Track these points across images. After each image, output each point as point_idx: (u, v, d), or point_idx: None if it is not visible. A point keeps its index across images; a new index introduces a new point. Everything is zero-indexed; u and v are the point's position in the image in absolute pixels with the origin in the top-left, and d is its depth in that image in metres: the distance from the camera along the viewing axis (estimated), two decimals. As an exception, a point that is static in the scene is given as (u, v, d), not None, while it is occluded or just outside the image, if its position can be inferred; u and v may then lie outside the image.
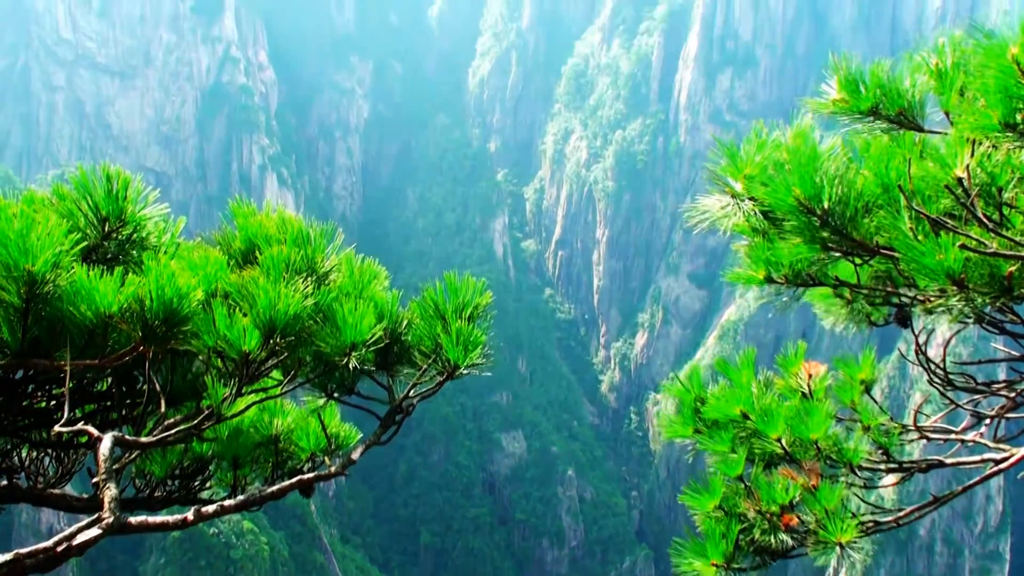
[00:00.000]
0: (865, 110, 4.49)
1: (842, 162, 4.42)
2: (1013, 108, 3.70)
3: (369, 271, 5.13)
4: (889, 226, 4.08)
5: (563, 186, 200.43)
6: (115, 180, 4.32)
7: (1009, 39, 3.71)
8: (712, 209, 4.75)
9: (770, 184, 4.29)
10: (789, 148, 4.39)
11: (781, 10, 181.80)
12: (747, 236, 5.04)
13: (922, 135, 4.47)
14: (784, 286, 5.15)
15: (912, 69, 4.43)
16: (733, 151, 4.59)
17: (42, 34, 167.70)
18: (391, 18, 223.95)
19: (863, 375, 5.70)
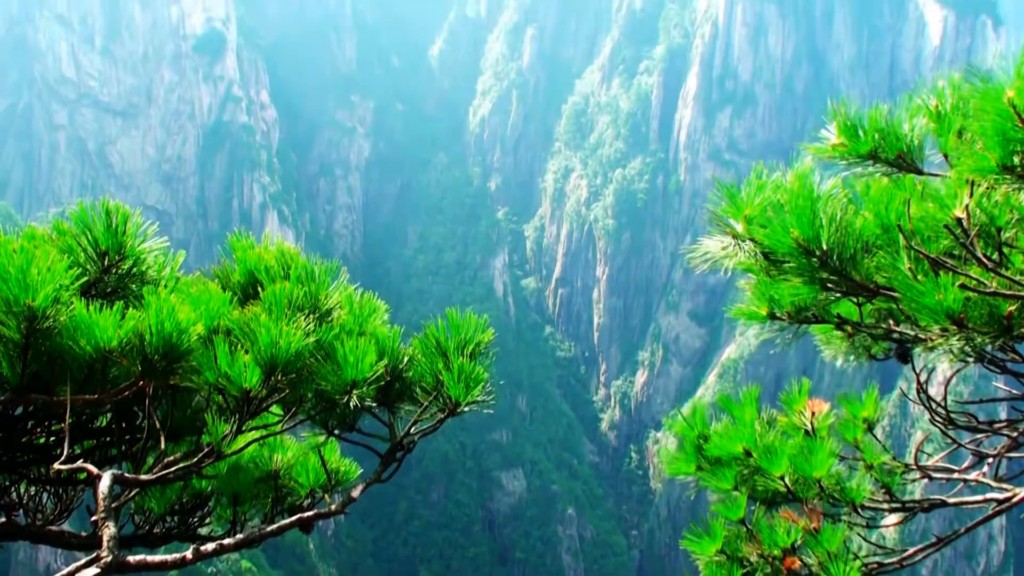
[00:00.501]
0: (864, 154, 4.51)
1: (841, 203, 4.44)
2: (1010, 151, 3.72)
3: (369, 305, 5.12)
4: (889, 266, 4.08)
5: (563, 224, 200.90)
6: (115, 215, 4.33)
7: (1005, 83, 3.74)
8: (713, 250, 4.76)
9: (769, 226, 4.30)
10: (788, 190, 4.40)
11: (780, 50, 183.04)
12: (752, 273, 5.05)
13: (922, 178, 4.49)
14: (786, 323, 5.15)
15: (910, 112, 4.45)
16: (733, 192, 4.60)
17: (45, 73, 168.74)
18: (392, 58, 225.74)
19: (866, 413, 5.70)
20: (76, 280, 3.90)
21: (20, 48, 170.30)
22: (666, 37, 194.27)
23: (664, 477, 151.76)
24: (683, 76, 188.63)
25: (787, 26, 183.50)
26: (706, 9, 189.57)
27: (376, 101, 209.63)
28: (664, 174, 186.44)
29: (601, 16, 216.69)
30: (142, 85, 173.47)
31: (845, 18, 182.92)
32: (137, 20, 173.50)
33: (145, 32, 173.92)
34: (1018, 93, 3.67)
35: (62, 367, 4.00)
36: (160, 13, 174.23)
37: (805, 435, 5.66)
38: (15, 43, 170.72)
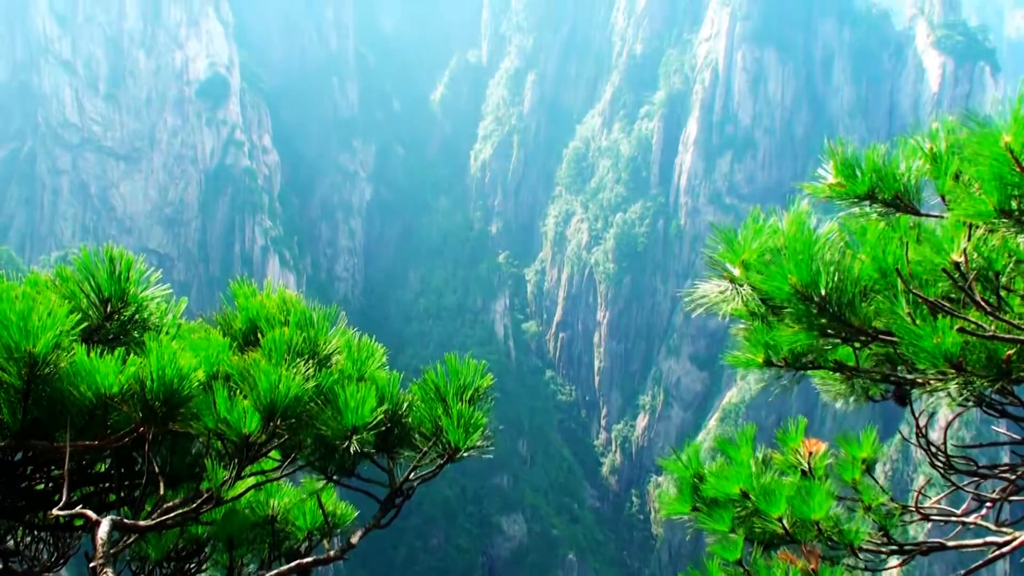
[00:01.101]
0: (861, 194, 4.53)
1: (839, 247, 4.45)
2: (1008, 195, 3.74)
3: (367, 348, 5.13)
4: (887, 310, 4.09)
5: (564, 268, 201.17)
6: (118, 261, 4.35)
7: (1002, 127, 3.76)
8: (711, 294, 4.77)
9: (766, 272, 4.31)
10: (785, 235, 4.42)
11: (780, 95, 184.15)
12: (745, 320, 5.05)
13: (918, 219, 4.51)
14: (784, 369, 5.15)
15: (907, 154, 4.48)
16: (731, 236, 4.62)
17: (49, 117, 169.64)
18: (394, 102, 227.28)
19: (864, 454, 5.68)
20: (77, 326, 3.91)
21: (24, 93, 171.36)
22: (666, 82, 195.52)
23: (665, 522, 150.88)
24: (683, 121, 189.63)
25: (787, 72, 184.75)
26: (706, 55, 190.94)
27: (378, 145, 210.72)
28: (665, 218, 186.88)
29: (602, 62, 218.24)
30: (145, 129, 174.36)
31: (844, 65, 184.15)
32: (141, 65, 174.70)
33: (149, 77, 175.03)
34: (1015, 138, 3.69)
35: (62, 413, 4.00)
36: (164, 58, 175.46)
37: (801, 475, 5.64)
38: (20, 88, 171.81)
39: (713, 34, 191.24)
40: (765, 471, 5.56)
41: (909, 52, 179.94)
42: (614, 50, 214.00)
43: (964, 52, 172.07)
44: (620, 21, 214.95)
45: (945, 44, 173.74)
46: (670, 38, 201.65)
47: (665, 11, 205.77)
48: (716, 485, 5.45)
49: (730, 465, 5.53)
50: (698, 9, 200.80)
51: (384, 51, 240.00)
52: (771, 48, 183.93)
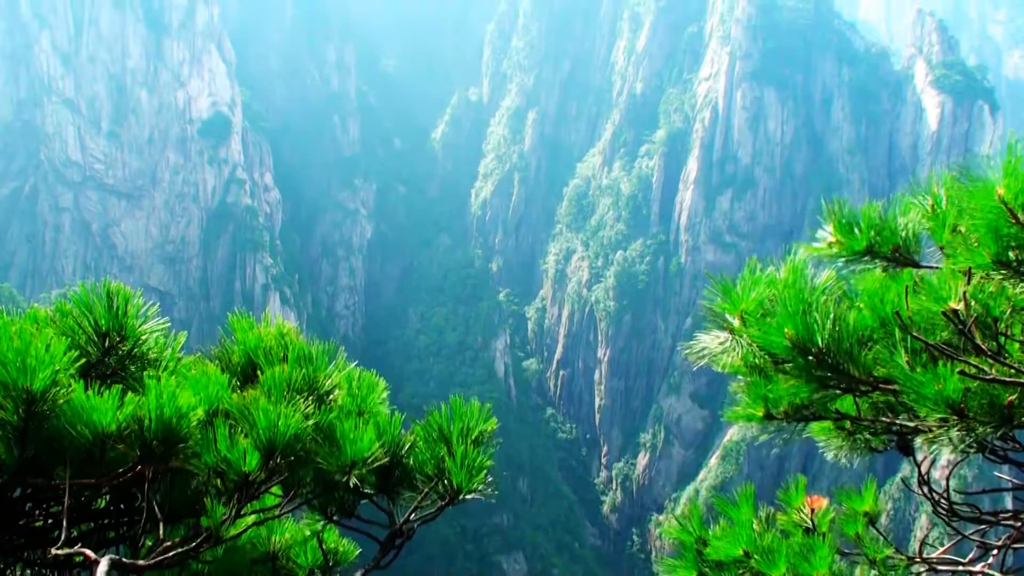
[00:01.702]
0: (860, 250, 4.54)
1: (836, 296, 4.45)
2: (1004, 246, 3.75)
3: (367, 382, 5.12)
4: (886, 359, 4.08)
5: (564, 306, 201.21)
6: (116, 296, 4.35)
7: (996, 180, 3.78)
8: (711, 345, 4.76)
9: (763, 326, 4.31)
10: (782, 286, 4.42)
11: (779, 134, 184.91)
12: (743, 375, 5.04)
13: (918, 271, 4.51)
14: (784, 422, 5.12)
15: (904, 208, 4.49)
16: (728, 287, 4.61)
17: (51, 156, 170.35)
18: (395, 141, 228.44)
19: (866, 507, 5.65)
20: (75, 362, 3.90)
21: (27, 132, 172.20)
22: (666, 121, 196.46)
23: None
24: (684, 159, 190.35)
25: (786, 111, 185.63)
26: (706, 94, 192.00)
27: (379, 183, 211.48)
28: (665, 256, 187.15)
29: (602, 100, 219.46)
30: (147, 168, 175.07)
31: (843, 103, 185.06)
32: (144, 104, 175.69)
33: (151, 116, 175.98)
34: (1008, 190, 3.71)
35: (60, 450, 3.98)
36: (166, 97, 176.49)
37: (805, 532, 5.59)
38: (23, 127, 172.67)
39: (713, 73, 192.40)
40: (768, 530, 5.52)
41: (908, 91, 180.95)
42: (614, 89, 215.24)
43: (963, 91, 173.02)
44: (620, 60, 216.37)
45: (944, 83, 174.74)
46: (670, 77, 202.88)
47: (665, 50, 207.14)
48: (719, 548, 5.42)
49: (732, 527, 5.49)
50: (698, 48, 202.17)
51: (385, 90, 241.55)
52: (770, 87, 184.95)
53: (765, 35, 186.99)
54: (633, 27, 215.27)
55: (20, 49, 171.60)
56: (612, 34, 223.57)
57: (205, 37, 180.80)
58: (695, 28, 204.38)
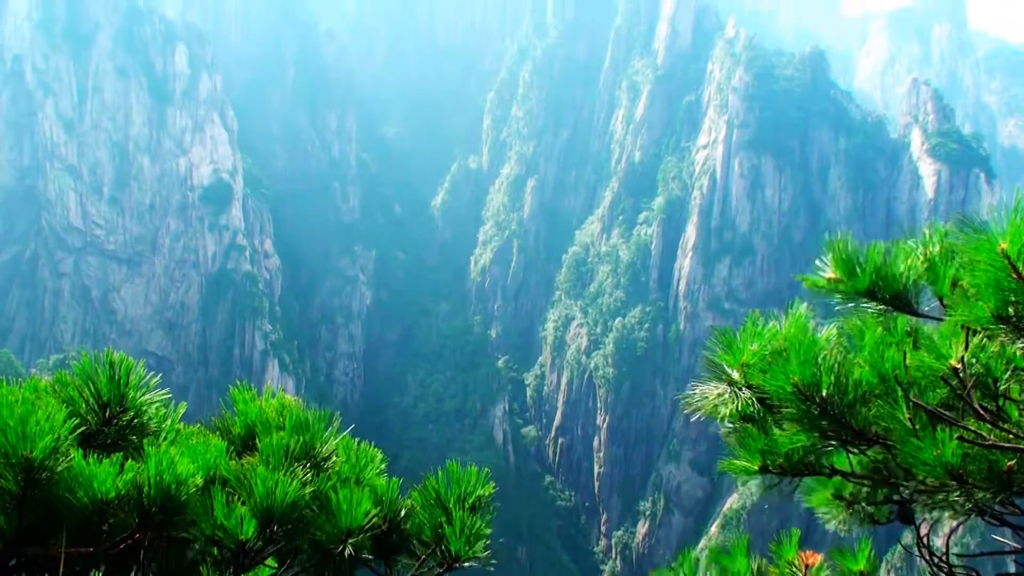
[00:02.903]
0: (862, 290, 4.55)
1: (839, 350, 4.45)
2: (1005, 301, 3.76)
3: (366, 454, 5.10)
4: (887, 416, 4.07)
5: (563, 373, 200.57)
6: (118, 366, 4.36)
7: (999, 233, 3.79)
8: (710, 396, 4.76)
9: (769, 371, 4.31)
10: (788, 336, 4.44)
11: (777, 202, 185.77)
12: (738, 424, 5.03)
13: (916, 322, 4.52)
14: (780, 475, 5.10)
15: (904, 256, 4.51)
16: (730, 340, 4.63)
17: (52, 221, 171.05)
18: (395, 208, 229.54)
19: (860, 567, 5.58)
20: (75, 431, 3.90)
21: (29, 198, 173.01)
22: (665, 189, 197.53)
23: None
24: (682, 226, 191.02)
25: (783, 179, 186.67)
26: (704, 162, 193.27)
27: (378, 250, 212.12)
28: (664, 323, 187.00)
29: (601, 168, 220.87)
30: (148, 233, 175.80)
31: (840, 172, 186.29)
32: (146, 171, 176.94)
33: (153, 182, 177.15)
34: (1012, 245, 3.72)
35: (58, 518, 3.97)
36: (168, 164, 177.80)
37: None
38: (25, 193, 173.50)
39: (711, 141, 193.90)
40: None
41: (905, 159, 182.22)
42: (613, 157, 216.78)
43: (959, 159, 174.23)
44: (619, 129, 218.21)
45: (940, 152, 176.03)
46: (668, 146, 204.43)
47: (663, 119, 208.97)
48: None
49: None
50: (696, 117, 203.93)
51: (386, 157, 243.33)
52: (768, 155, 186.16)
53: (762, 104, 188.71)
54: (631, 96, 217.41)
55: (24, 117, 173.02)
56: (611, 103, 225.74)
57: (208, 105, 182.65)
58: (693, 97, 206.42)
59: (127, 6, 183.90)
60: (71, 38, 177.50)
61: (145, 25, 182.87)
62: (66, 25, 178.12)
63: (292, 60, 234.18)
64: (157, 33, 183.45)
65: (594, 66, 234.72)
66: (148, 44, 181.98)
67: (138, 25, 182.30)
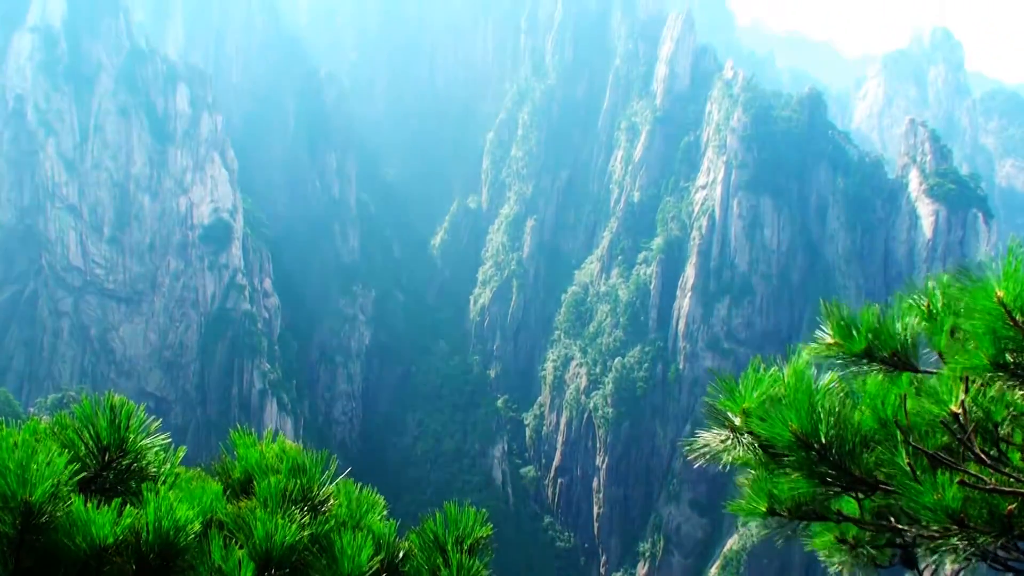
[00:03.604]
0: (859, 353, 4.56)
1: (839, 397, 4.46)
2: (1002, 348, 3.77)
3: (367, 499, 5.09)
4: (888, 461, 4.07)
5: (563, 413, 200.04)
6: (118, 410, 4.36)
7: (995, 282, 3.81)
8: (712, 443, 4.76)
9: (768, 419, 4.32)
10: (786, 384, 4.44)
11: (775, 242, 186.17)
12: (751, 468, 5.02)
13: (916, 375, 4.52)
14: (787, 519, 5.09)
15: (903, 312, 4.52)
16: (731, 386, 4.63)
17: (53, 261, 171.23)
18: (394, 248, 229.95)
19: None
20: (75, 475, 3.90)
21: (29, 237, 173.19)
22: (664, 229, 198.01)
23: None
24: (681, 266, 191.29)
25: (782, 218, 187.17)
26: (703, 202, 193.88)
27: (377, 290, 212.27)
28: (663, 363, 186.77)
29: (600, 208, 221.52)
30: (147, 273, 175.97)
31: (839, 212, 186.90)
32: (146, 210, 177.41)
33: (153, 222, 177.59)
34: (1007, 293, 3.73)
35: (55, 563, 3.95)
36: (169, 204, 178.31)
37: None
38: (25, 232, 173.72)
39: (709, 182, 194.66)
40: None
41: (903, 199, 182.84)
42: (612, 197, 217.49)
43: (956, 200, 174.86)
44: (618, 169, 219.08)
45: (937, 192, 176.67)
46: (667, 186, 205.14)
47: (662, 160, 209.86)
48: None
49: None
50: (694, 158, 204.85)
51: (386, 198, 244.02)
52: (766, 195, 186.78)
53: (760, 145, 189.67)
54: (630, 137, 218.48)
55: (26, 156, 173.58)
56: (609, 144, 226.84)
57: (209, 145, 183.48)
58: (691, 137, 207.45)
59: (130, 47, 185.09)
60: (73, 78, 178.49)
61: (147, 66, 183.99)
62: (68, 66, 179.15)
63: (293, 101, 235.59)
64: (159, 73, 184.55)
65: (593, 107, 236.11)
66: (150, 84, 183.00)
67: (140, 66, 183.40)
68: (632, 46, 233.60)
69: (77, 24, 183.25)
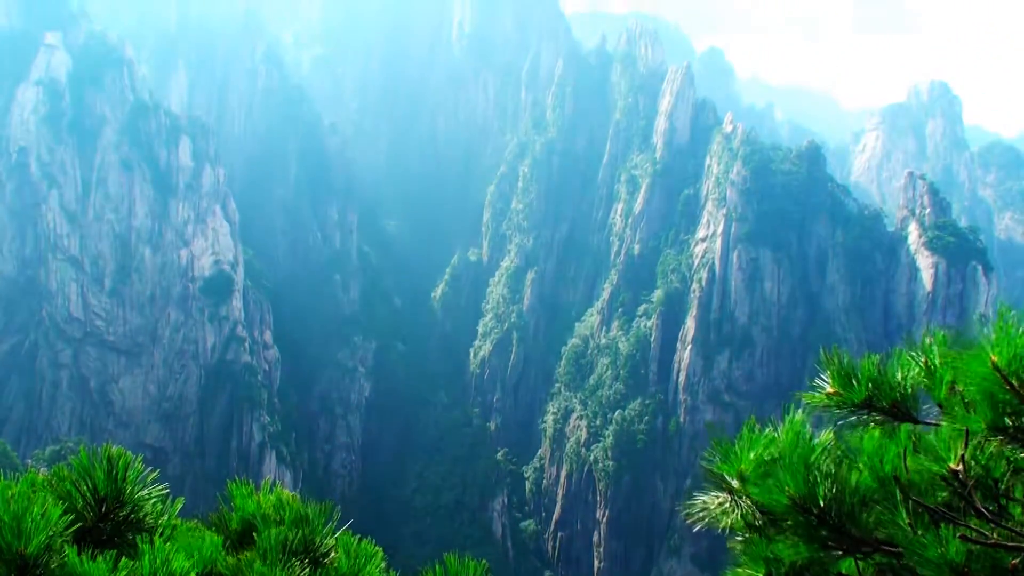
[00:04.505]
0: (859, 402, 4.56)
1: (836, 456, 4.44)
2: (1000, 412, 3.77)
3: (366, 550, 5.07)
4: (888, 520, 4.05)
5: (563, 466, 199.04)
6: (116, 461, 4.35)
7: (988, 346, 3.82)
8: (710, 506, 4.74)
9: (763, 485, 4.30)
10: (783, 444, 4.43)
11: (775, 294, 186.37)
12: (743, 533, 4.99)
13: (916, 428, 4.51)
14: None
15: (903, 365, 4.52)
16: (728, 447, 4.62)
17: (53, 313, 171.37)
18: (395, 300, 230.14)
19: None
20: (71, 527, 3.88)
21: (30, 288, 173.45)
22: (664, 281, 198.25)
23: None
24: (681, 319, 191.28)
25: (782, 271, 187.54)
26: (703, 255, 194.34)
27: (378, 342, 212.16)
28: (664, 416, 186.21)
29: (600, 261, 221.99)
30: (148, 325, 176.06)
31: (838, 264, 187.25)
32: (147, 262, 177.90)
33: (154, 273, 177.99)
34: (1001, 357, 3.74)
35: (50, 616, 3.92)
36: (170, 256, 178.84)
37: None
38: (26, 284, 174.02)
39: (709, 234, 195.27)
40: None
41: (902, 252, 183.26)
42: (612, 249, 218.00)
43: (956, 252, 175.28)
44: (618, 222, 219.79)
45: (937, 245, 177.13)
46: (667, 238, 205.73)
47: (662, 213, 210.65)
48: None
49: None
50: (694, 210, 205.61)
51: (387, 250, 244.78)
52: (766, 248, 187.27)
53: (760, 197, 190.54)
54: (630, 189, 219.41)
55: (28, 208, 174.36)
56: (610, 197, 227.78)
57: (210, 198, 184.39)
58: (691, 190, 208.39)
59: (133, 100, 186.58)
60: (77, 131, 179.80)
61: (150, 119, 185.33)
62: (72, 119, 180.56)
63: (295, 153, 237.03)
64: (162, 126, 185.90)
65: (593, 160, 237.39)
66: (153, 137, 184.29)
67: (143, 119, 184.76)
68: (632, 100, 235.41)
69: (81, 77, 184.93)
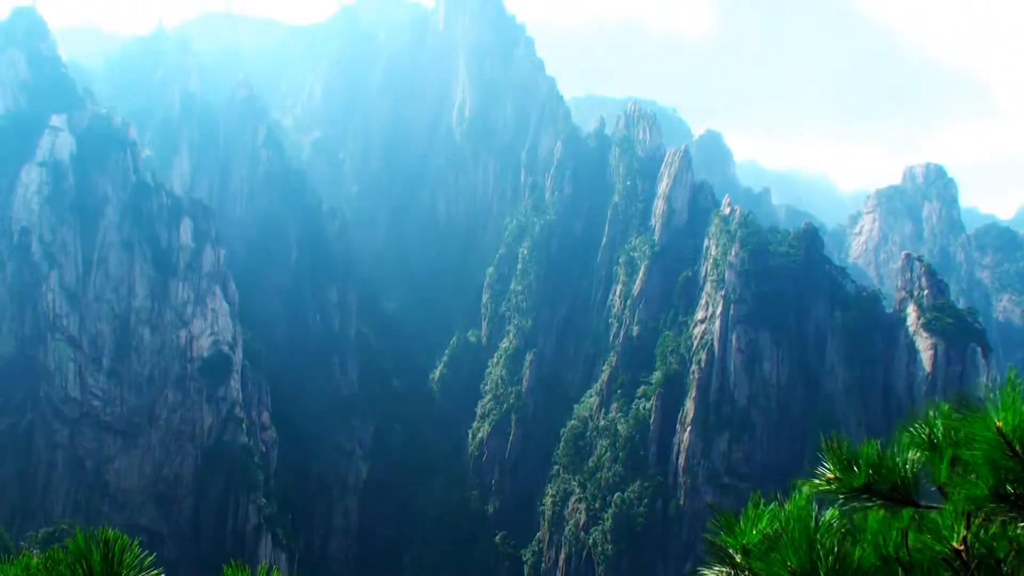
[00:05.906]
0: (858, 487, 4.56)
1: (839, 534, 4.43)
2: (1002, 479, 3.77)
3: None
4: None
5: (562, 549, 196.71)
6: (112, 545, 4.32)
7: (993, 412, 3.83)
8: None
9: (765, 559, 4.29)
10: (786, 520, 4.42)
11: (775, 375, 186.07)
12: None
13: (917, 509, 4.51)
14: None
15: (904, 446, 4.53)
16: (731, 522, 4.62)
17: (50, 392, 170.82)
18: (393, 382, 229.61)
19: None
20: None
21: (28, 368, 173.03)
22: (663, 363, 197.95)
23: None
24: (681, 400, 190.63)
25: (781, 352, 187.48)
26: (701, 336, 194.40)
27: (376, 424, 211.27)
28: (664, 498, 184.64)
29: (599, 342, 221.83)
30: (145, 405, 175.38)
31: (837, 345, 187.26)
32: (146, 342, 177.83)
33: (153, 354, 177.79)
34: (1006, 423, 3.75)
35: None
36: (169, 336, 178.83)
37: None
38: (25, 363, 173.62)
39: (708, 316, 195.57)
40: None
41: (901, 334, 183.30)
42: (611, 331, 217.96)
43: (955, 334, 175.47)
44: (617, 304, 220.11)
45: (935, 326, 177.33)
46: (666, 320, 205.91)
47: (660, 294, 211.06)
48: None
49: None
50: (693, 292, 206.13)
51: (385, 331, 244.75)
52: (765, 330, 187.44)
53: (758, 279, 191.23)
54: (629, 271, 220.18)
55: (28, 288, 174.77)
56: (608, 278, 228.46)
57: (210, 279, 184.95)
58: (689, 272, 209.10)
59: (136, 181, 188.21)
60: (79, 211, 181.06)
61: (152, 200, 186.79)
62: (75, 199, 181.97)
63: (294, 235, 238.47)
64: (163, 207, 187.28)
65: (592, 242, 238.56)
66: (154, 218, 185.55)
67: (145, 200, 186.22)
68: (630, 182, 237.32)
69: (85, 158, 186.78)
